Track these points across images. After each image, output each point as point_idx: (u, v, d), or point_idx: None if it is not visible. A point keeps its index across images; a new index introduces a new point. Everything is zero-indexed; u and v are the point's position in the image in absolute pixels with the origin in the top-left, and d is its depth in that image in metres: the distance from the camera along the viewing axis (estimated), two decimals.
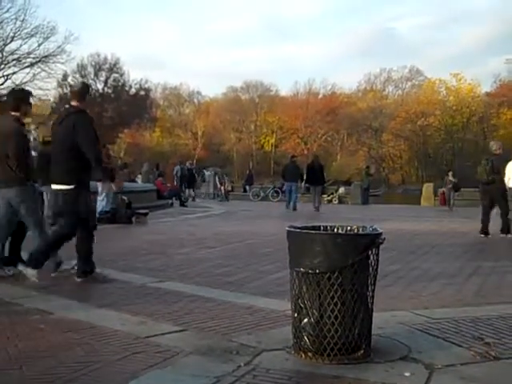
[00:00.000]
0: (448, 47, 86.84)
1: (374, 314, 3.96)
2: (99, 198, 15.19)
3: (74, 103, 6.57)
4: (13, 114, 6.75)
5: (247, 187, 36.19)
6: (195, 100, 77.07)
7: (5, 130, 6.63)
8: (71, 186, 6.36)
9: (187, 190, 26.93)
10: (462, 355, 3.87)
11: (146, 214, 15.01)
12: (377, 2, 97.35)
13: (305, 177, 22.91)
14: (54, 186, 6.63)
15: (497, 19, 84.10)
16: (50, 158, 7.01)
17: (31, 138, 14.63)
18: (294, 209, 21.22)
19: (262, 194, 33.00)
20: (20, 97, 7.02)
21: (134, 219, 14.46)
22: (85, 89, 6.85)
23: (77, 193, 6.38)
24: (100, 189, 15.21)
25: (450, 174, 26.41)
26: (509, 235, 11.44)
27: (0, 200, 6.75)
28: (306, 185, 22.97)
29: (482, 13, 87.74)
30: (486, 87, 63.17)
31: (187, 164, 29.54)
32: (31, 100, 7.19)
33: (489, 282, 6.91)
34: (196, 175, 29.39)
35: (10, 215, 6.73)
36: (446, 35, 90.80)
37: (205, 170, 30.42)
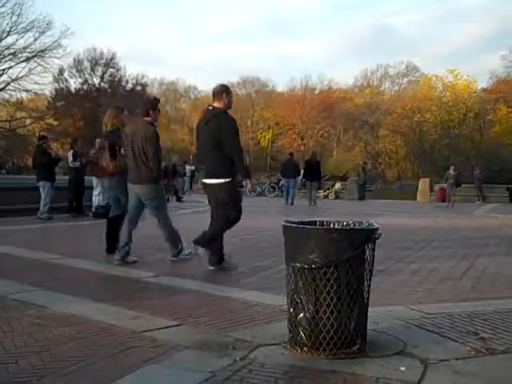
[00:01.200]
0: (445, 43, 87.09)
1: (370, 309, 3.97)
2: (95, 193, 15.20)
3: (216, 104, 7.06)
4: (145, 118, 7.60)
5: (243, 182, 36.11)
6: (192, 95, 77.10)
7: (142, 133, 7.41)
8: (227, 180, 6.89)
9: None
10: (457, 350, 3.88)
11: None
12: None
13: (302, 172, 23.92)
14: (207, 181, 7.10)
15: (493, 16, 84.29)
16: (45, 154, 7.21)
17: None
18: (292, 204, 21.72)
19: (258, 190, 32.96)
20: (151, 104, 7.82)
21: None
22: (223, 89, 7.14)
23: (233, 183, 6.99)
24: (95, 183, 15.21)
25: (452, 168, 25.44)
26: None
27: (132, 194, 7.65)
28: (303, 180, 23.83)
29: (479, 9, 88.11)
30: (482, 83, 63.29)
31: (173, 159, 29.67)
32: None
33: (484, 277, 6.93)
34: (178, 170, 29.20)
35: (140, 209, 7.70)
36: (442, 31, 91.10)
37: (186, 165, 30.25)
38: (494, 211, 20.73)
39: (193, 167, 31.38)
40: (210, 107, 7.13)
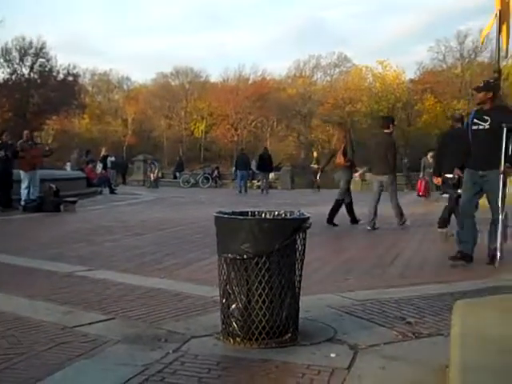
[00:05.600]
0: (375, 36, 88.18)
1: (302, 298, 4.04)
2: (23, 187, 14.84)
3: None
4: (385, 131, 10.96)
5: (177, 174, 35.93)
6: (125, 86, 75.88)
7: (384, 142, 10.85)
8: None
9: None
10: (385, 335, 4.00)
11: (74, 202, 14.76)
12: None
13: (254, 164, 28.26)
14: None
15: (421, 9, 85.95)
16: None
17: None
18: (246, 191, 25.87)
19: (192, 181, 32.87)
20: (391, 119, 11.80)
21: (61, 207, 14.19)
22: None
23: None
24: (23, 177, 14.86)
25: (430, 154, 21.07)
26: None
27: (376, 182, 11.02)
28: (257, 171, 27.87)
29: (408, 3, 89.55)
30: (410, 74, 64.53)
31: (103, 151, 29.50)
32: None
33: (412, 263, 7.13)
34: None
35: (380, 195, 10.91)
36: (374, 24, 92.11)
37: (109, 157, 29.88)
38: (421, 199, 21.25)
39: (113, 158, 30.94)
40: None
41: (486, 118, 6.82)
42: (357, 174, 11.99)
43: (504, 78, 20.40)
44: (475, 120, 6.93)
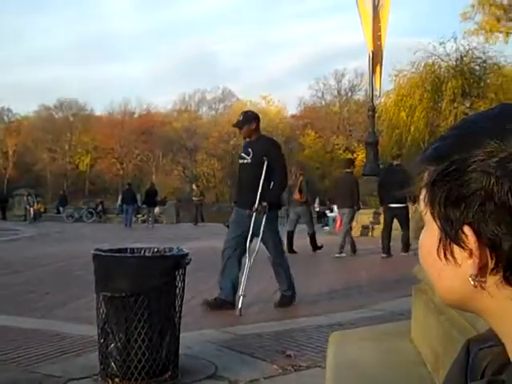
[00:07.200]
0: (260, 72, 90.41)
1: (183, 334, 4.03)
2: None
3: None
4: (347, 171, 12.50)
5: (61, 208, 34.89)
6: (5, 118, 73.22)
7: (347, 180, 12.25)
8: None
9: None
10: (265, 369, 4.05)
11: None
12: (197, 25, 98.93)
13: (140, 198, 29.19)
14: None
15: (302, 49, 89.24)
16: None
17: None
18: (130, 225, 26.14)
19: (76, 215, 32.05)
20: (351, 161, 14.43)
21: None
22: None
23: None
24: None
25: None
26: None
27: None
28: (143, 206, 28.68)
29: (291, 43, 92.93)
30: (292, 110, 66.66)
31: None
32: None
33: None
34: None
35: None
36: (259, 61, 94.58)
37: None
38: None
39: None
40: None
41: (250, 150, 6.43)
42: None
43: (378, 116, 21.50)
44: (242, 154, 6.63)
